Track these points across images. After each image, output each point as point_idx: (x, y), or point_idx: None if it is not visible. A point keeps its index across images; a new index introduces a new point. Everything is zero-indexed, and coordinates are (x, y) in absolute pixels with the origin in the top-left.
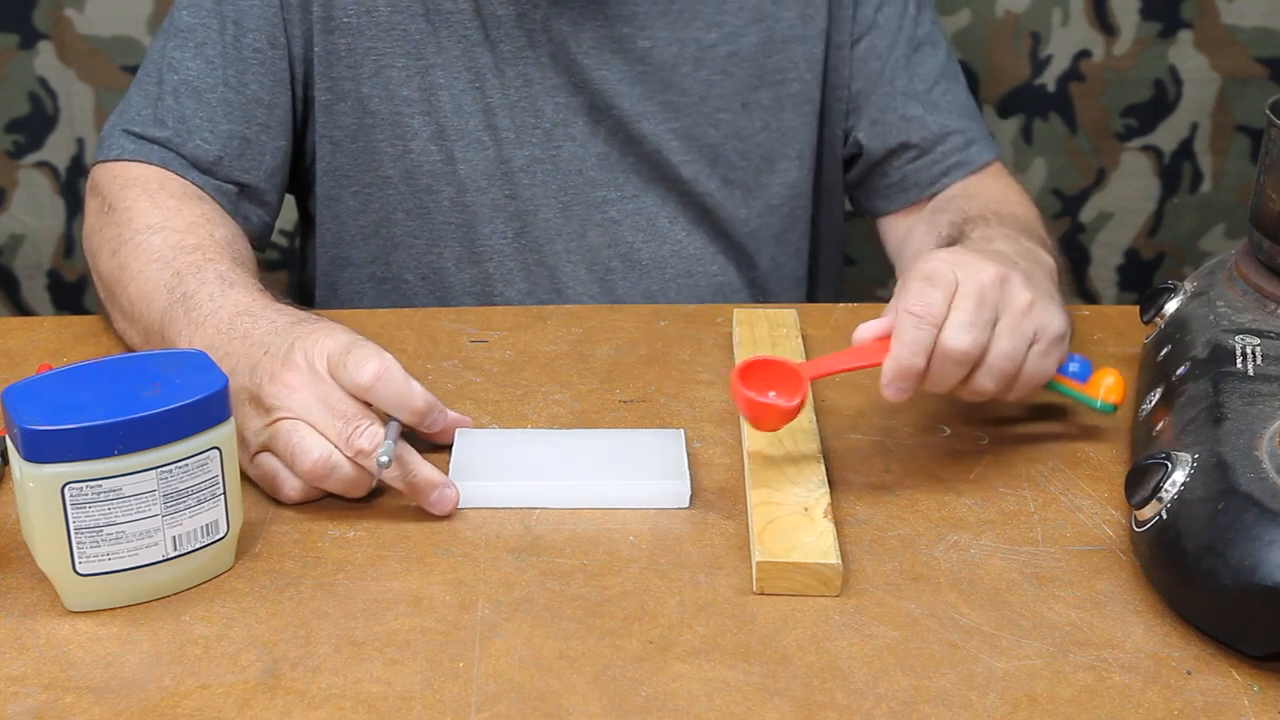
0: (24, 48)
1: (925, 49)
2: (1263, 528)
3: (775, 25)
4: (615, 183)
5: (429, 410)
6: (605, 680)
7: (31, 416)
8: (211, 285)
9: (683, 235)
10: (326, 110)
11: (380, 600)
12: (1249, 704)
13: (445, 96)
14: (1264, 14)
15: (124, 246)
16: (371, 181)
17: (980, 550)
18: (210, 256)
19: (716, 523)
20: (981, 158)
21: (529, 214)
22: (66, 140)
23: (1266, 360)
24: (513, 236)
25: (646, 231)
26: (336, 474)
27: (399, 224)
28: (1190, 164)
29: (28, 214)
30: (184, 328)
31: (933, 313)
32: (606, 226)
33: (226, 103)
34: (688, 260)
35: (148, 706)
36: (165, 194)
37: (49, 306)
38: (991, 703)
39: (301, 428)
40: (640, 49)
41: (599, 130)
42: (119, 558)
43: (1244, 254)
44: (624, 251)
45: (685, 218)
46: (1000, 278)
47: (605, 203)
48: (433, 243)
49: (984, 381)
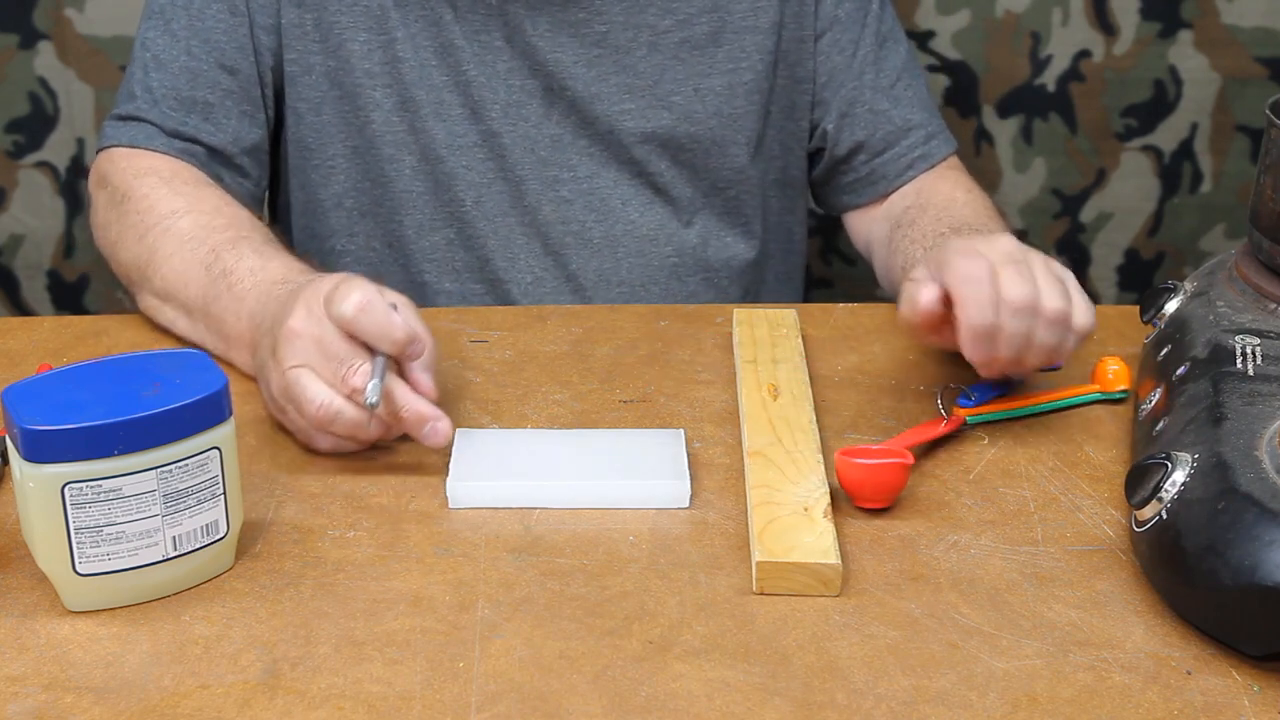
0: (24, 48)
1: (889, 44)
2: (1263, 528)
3: (727, 16)
4: (568, 163)
5: (410, 340)
6: (605, 680)
7: (31, 416)
8: (250, 260)
9: (635, 216)
10: (293, 82)
11: (380, 600)
12: (1249, 704)
13: (406, 69)
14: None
15: (150, 232)
16: (337, 153)
17: (980, 550)
18: (243, 234)
19: (716, 523)
20: (940, 151)
21: (484, 186)
22: (66, 140)
23: (1266, 360)
24: (470, 206)
25: (599, 211)
26: (341, 418)
27: (365, 193)
28: (1190, 164)
29: (28, 214)
30: (229, 302)
31: (985, 275)
32: (559, 205)
33: (188, 70)
34: (640, 240)
35: (148, 706)
36: (180, 181)
37: (49, 306)
38: (991, 703)
39: (305, 375)
40: (596, 33)
41: (552, 112)
42: (119, 558)
43: (1244, 254)
44: (576, 230)
45: (638, 199)
46: (1016, 244)
47: (558, 182)
48: (394, 210)
49: (1044, 334)
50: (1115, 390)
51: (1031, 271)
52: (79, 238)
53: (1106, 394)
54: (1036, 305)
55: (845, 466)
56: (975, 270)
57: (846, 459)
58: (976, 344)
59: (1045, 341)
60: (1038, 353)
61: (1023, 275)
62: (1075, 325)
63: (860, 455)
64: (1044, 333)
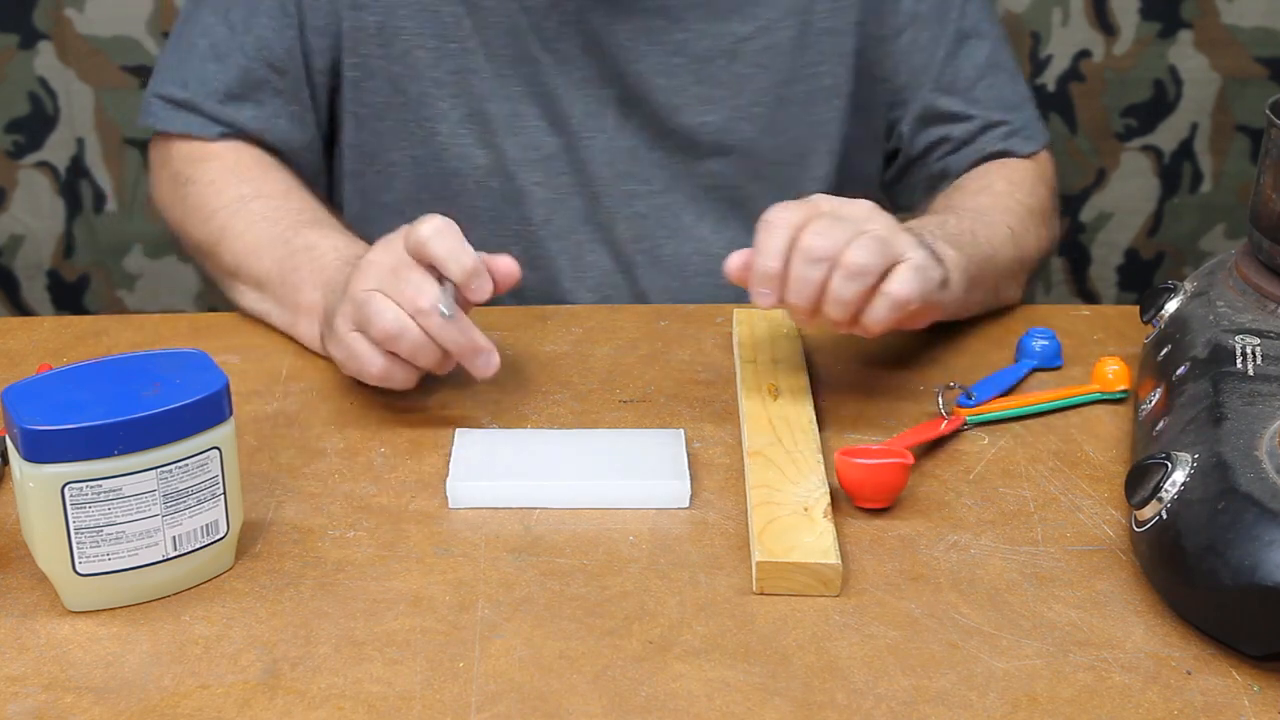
0: (24, 48)
1: (971, 41)
2: (1263, 528)
3: (810, 18)
4: (642, 176)
5: (477, 272)
6: (605, 680)
7: (31, 416)
8: (335, 238)
9: (707, 233)
10: (354, 86)
11: (380, 600)
12: (1249, 704)
13: (476, 81)
14: (1264, 14)
15: (219, 213)
16: (397, 160)
17: (980, 550)
18: (321, 217)
19: (716, 523)
20: (1022, 149)
21: (556, 202)
22: (66, 140)
23: (1266, 360)
24: (539, 223)
25: (670, 228)
26: (406, 336)
27: (424, 205)
28: (1190, 164)
29: (28, 214)
30: (308, 273)
31: (791, 220)
32: (632, 220)
33: (242, 67)
34: (711, 259)
35: (148, 706)
36: (243, 167)
37: (49, 306)
38: (991, 703)
39: (377, 297)
40: (676, 41)
41: (629, 124)
42: (119, 558)
43: (1244, 254)
44: (647, 247)
45: (712, 214)
46: (871, 208)
47: (633, 196)
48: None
49: (840, 286)
50: (1115, 390)
51: (845, 227)
52: (79, 238)
53: (1106, 394)
54: (836, 257)
55: (845, 466)
56: (777, 217)
57: (846, 459)
58: (758, 286)
59: (842, 294)
60: (836, 305)
61: (830, 228)
62: (887, 289)
63: (860, 455)
64: (840, 284)
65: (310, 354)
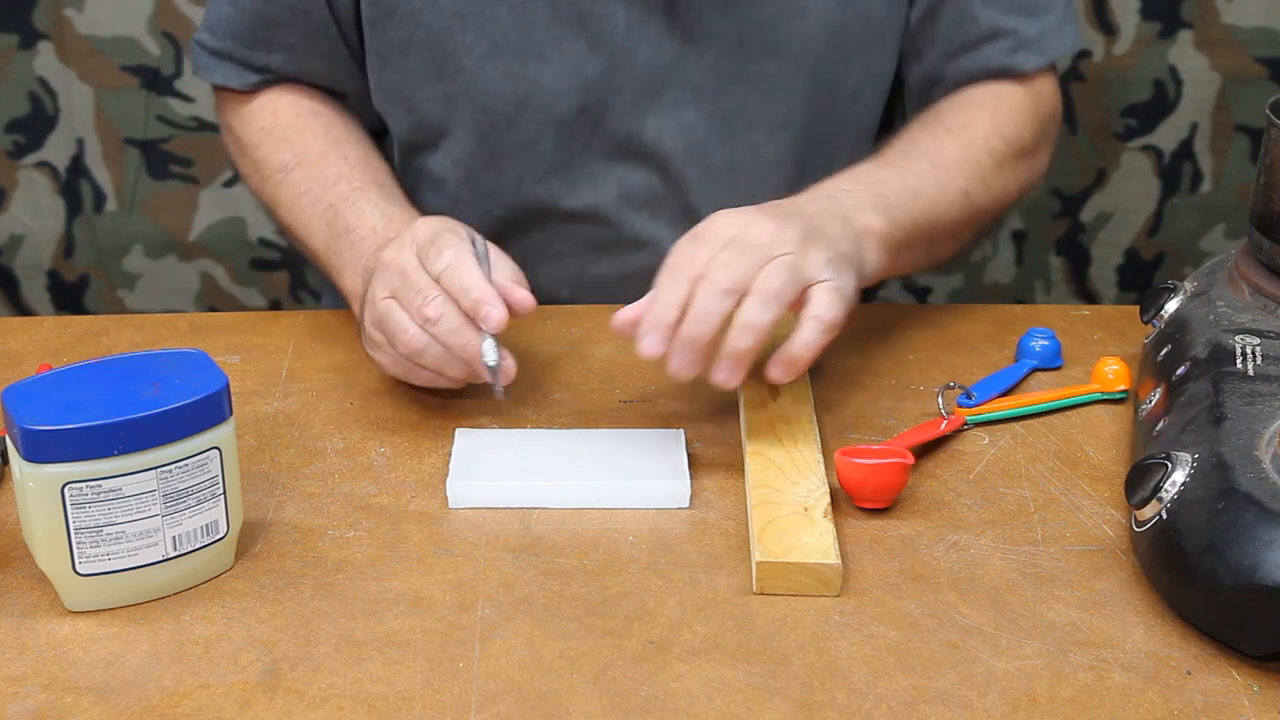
0: (24, 48)
1: None
2: (1263, 528)
3: None
4: (692, 83)
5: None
6: (605, 680)
7: (31, 416)
8: (372, 218)
9: (760, 139)
10: (374, 25)
11: (380, 600)
12: (1249, 704)
13: (503, 10)
14: (1264, 14)
15: (267, 183)
16: (425, 98)
17: (980, 550)
18: (355, 186)
19: (716, 523)
20: (1026, 64)
21: (596, 125)
22: (66, 140)
23: (1266, 360)
24: (578, 151)
25: (722, 135)
26: (428, 352)
27: (457, 142)
28: (1190, 164)
29: (28, 214)
30: (349, 258)
31: (693, 268)
32: (680, 131)
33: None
34: (763, 164)
35: (148, 706)
36: (284, 126)
37: (49, 306)
38: (991, 703)
39: (395, 312)
40: None
41: (675, 30)
42: (119, 558)
43: (1244, 254)
44: (699, 156)
45: (765, 122)
46: (775, 230)
47: (679, 106)
48: (489, 160)
49: (756, 313)
50: (1115, 390)
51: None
52: (79, 238)
53: (1106, 394)
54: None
55: (845, 466)
56: (679, 262)
57: (846, 459)
58: (650, 332)
59: (756, 320)
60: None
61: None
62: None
63: (860, 455)
64: (754, 310)
65: (310, 354)
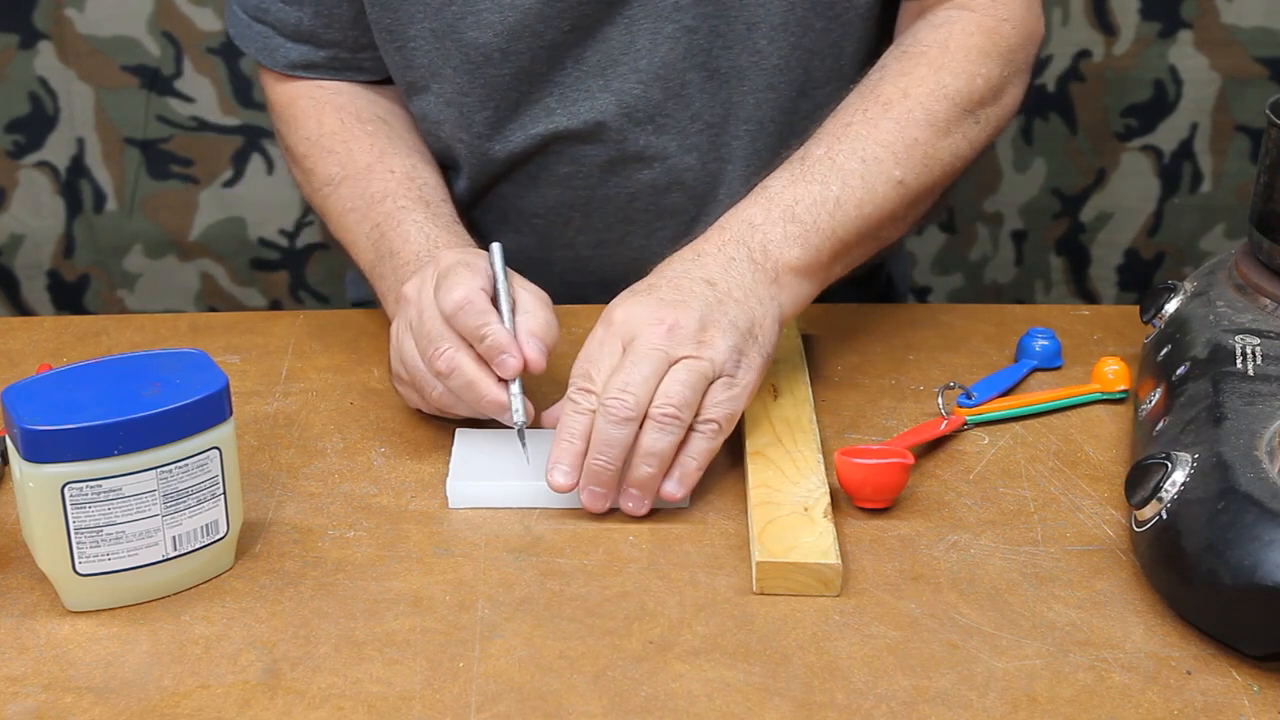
0: (24, 48)
1: None
2: (1263, 528)
3: None
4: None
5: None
6: (605, 680)
7: (31, 416)
8: (415, 242)
9: (761, 41)
10: None
11: (380, 600)
12: (1249, 704)
13: None
14: (1264, 14)
15: (315, 195)
16: (415, 35)
17: (980, 550)
18: (401, 204)
19: (716, 523)
20: None
21: (590, 40)
22: (66, 140)
23: (1266, 360)
24: (571, 68)
25: (723, 38)
26: (435, 393)
27: (447, 81)
28: (1190, 164)
29: (28, 214)
30: (393, 282)
31: (594, 384)
32: (679, 36)
33: None
34: (768, 73)
35: (148, 706)
36: (329, 136)
37: (49, 306)
38: (991, 703)
39: (408, 343)
40: None
41: None
42: (119, 558)
43: (1244, 254)
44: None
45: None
46: (673, 326)
47: (678, 9)
48: (484, 101)
49: (654, 441)
50: (1115, 390)
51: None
52: (79, 238)
53: (1106, 394)
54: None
55: (845, 466)
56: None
57: (846, 459)
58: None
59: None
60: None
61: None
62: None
63: (860, 455)
64: (653, 438)
65: (310, 354)
